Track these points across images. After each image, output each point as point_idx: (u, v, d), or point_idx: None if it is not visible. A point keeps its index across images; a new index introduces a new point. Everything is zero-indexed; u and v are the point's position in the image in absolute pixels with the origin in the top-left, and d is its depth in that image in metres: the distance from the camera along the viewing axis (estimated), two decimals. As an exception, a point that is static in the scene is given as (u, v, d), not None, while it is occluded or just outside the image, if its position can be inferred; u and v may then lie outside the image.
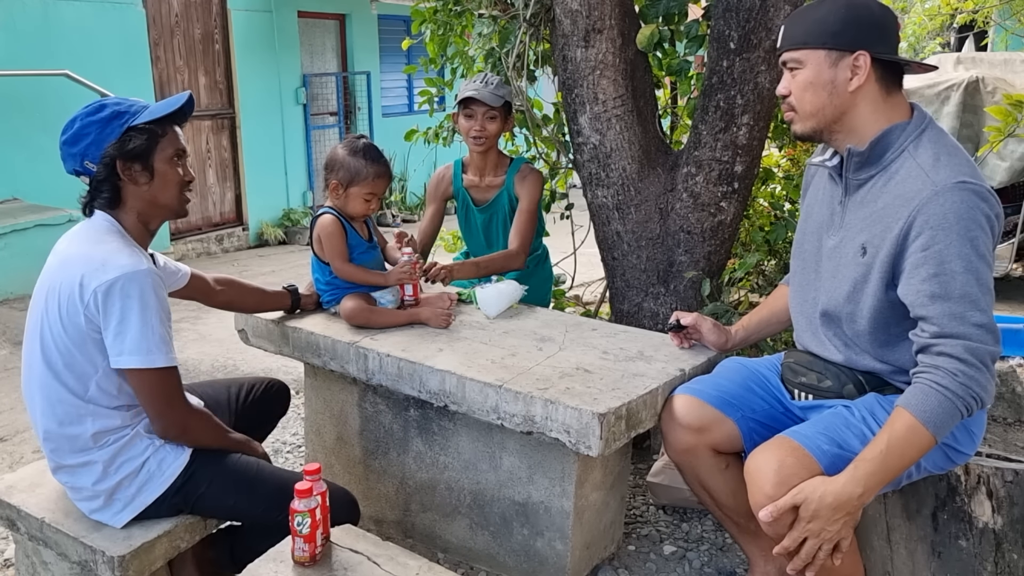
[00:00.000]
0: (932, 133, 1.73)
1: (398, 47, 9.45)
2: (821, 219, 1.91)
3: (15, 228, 5.50)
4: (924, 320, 1.63)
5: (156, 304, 1.77)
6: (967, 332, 1.58)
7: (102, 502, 1.85)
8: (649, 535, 2.52)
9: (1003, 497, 1.82)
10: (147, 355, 1.75)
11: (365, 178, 2.35)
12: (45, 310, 1.80)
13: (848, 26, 1.71)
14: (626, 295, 2.96)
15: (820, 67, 1.74)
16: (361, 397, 2.51)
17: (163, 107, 1.86)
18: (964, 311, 1.59)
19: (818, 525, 1.59)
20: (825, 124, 1.79)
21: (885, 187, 1.73)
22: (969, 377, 1.57)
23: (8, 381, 4.09)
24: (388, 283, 2.43)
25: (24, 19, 6.33)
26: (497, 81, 2.84)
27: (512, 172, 2.91)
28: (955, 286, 1.59)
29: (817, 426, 1.77)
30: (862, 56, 1.71)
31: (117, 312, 1.73)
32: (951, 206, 1.60)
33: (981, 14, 8.60)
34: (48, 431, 1.84)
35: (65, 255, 1.83)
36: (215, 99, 8.02)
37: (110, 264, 1.74)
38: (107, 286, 1.72)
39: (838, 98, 1.75)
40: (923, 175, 1.66)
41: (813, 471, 1.67)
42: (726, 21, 2.59)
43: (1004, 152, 5.13)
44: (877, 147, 1.75)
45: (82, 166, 1.83)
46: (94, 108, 1.83)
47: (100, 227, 1.84)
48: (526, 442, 2.17)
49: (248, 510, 1.91)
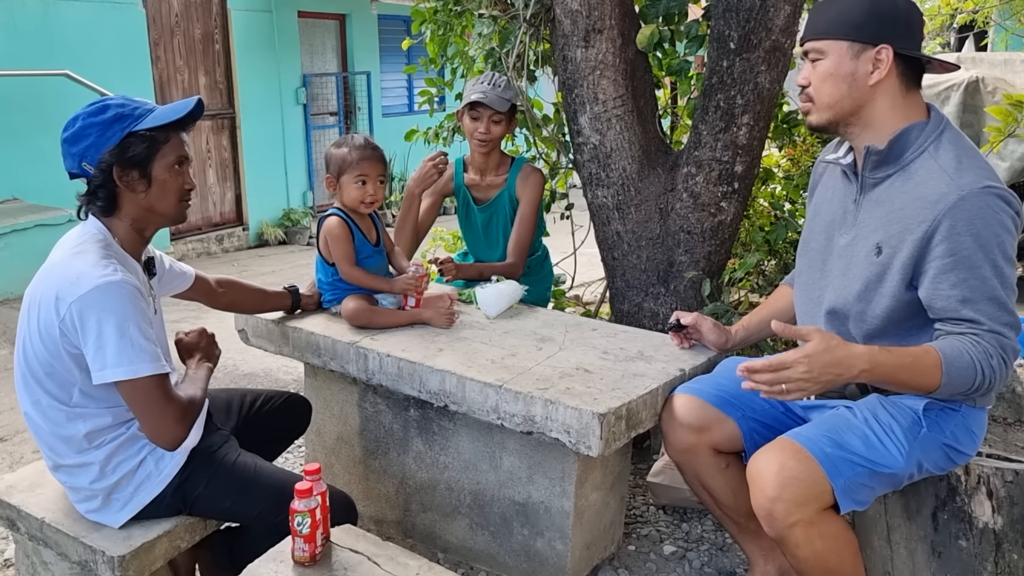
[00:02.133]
0: (951, 135, 1.73)
1: (398, 47, 9.44)
2: (831, 217, 1.90)
3: (15, 228, 5.49)
4: (957, 319, 1.67)
5: (133, 312, 1.70)
6: (1002, 330, 1.64)
7: (100, 502, 1.85)
8: (649, 535, 2.52)
9: (1003, 497, 1.82)
10: (130, 365, 1.69)
11: (352, 162, 2.37)
12: (27, 319, 1.79)
13: (872, 18, 1.70)
14: (626, 295, 2.96)
15: (842, 58, 1.73)
16: (361, 397, 2.51)
17: (168, 113, 1.81)
18: (995, 312, 1.64)
19: (804, 367, 1.60)
20: (842, 116, 1.78)
21: (904, 187, 1.72)
22: (1000, 367, 1.64)
23: (8, 381, 4.09)
24: (393, 291, 2.43)
25: (24, 19, 6.34)
26: (504, 83, 2.85)
27: (514, 172, 2.91)
28: (985, 290, 1.63)
29: (819, 428, 1.77)
30: (884, 50, 1.70)
31: (94, 326, 1.67)
32: (978, 211, 1.61)
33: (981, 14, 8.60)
34: (41, 433, 1.84)
35: (48, 265, 1.79)
36: (215, 99, 8.02)
37: (83, 278, 1.68)
38: (80, 301, 1.67)
39: (857, 91, 1.74)
40: (946, 178, 1.66)
41: (814, 473, 1.67)
42: (726, 21, 2.59)
43: (1004, 152, 5.13)
44: (896, 146, 1.74)
45: (80, 168, 1.78)
46: (97, 108, 1.78)
47: (86, 235, 1.79)
48: (526, 442, 2.17)
49: (246, 511, 1.90)
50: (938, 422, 1.75)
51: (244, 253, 8.16)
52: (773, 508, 1.69)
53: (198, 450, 1.91)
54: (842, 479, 1.69)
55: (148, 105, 1.83)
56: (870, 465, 1.71)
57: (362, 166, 2.37)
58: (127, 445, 1.85)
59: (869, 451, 1.71)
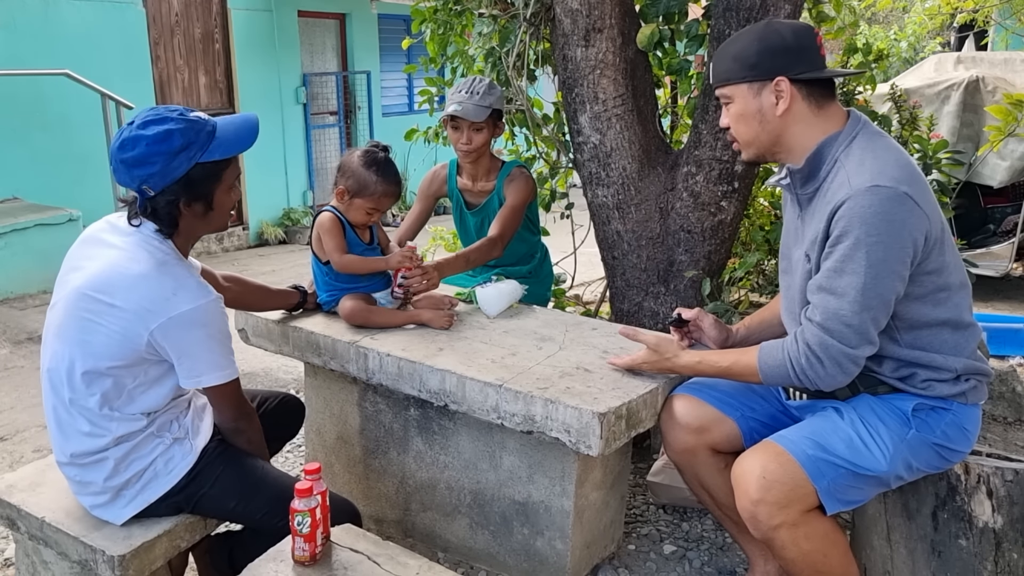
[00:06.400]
0: (863, 139, 1.76)
1: (398, 46, 9.45)
2: (790, 233, 1.97)
3: (15, 228, 5.49)
4: (810, 305, 1.73)
5: (224, 324, 1.83)
6: (832, 327, 1.67)
7: (108, 497, 1.85)
8: (649, 535, 2.52)
9: (1003, 496, 1.82)
10: (223, 371, 1.82)
11: (372, 193, 2.31)
12: (90, 317, 1.75)
13: (763, 56, 1.77)
14: (626, 294, 2.96)
15: (746, 99, 1.81)
16: (361, 396, 2.51)
17: (234, 142, 1.81)
18: (838, 308, 1.67)
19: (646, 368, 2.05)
20: (765, 149, 1.85)
21: (824, 198, 1.76)
22: (810, 365, 1.71)
23: (8, 381, 4.09)
24: (388, 266, 2.41)
25: (24, 19, 6.34)
26: (484, 88, 2.76)
27: (502, 176, 2.90)
28: (839, 284, 1.66)
29: (803, 430, 1.80)
30: (782, 81, 1.76)
31: (191, 339, 1.76)
32: (859, 209, 1.63)
33: (981, 14, 8.60)
34: (65, 428, 1.83)
35: (124, 271, 1.75)
36: (215, 99, 8.02)
37: (181, 294, 1.74)
38: (181, 317, 1.73)
39: (769, 124, 1.80)
40: (846, 180, 1.69)
41: (796, 476, 1.70)
42: (726, 21, 2.59)
43: (1004, 151, 5.13)
44: (813, 162, 1.79)
45: (138, 189, 1.77)
46: (162, 135, 1.72)
47: (160, 247, 1.80)
48: (526, 441, 2.17)
49: (250, 513, 1.90)
50: (928, 422, 1.76)
51: (244, 252, 8.17)
52: (756, 511, 1.71)
53: (208, 449, 1.92)
54: (825, 481, 1.71)
55: (209, 124, 1.80)
56: (852, 468, 1.73)
57: (382, 202, 2.34)
58: (144, 443, 1.85)
59: (852, 453, 1.73)
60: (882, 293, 1.65)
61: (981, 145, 5.09)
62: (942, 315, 1.73)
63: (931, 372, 1.75)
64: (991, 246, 5.38)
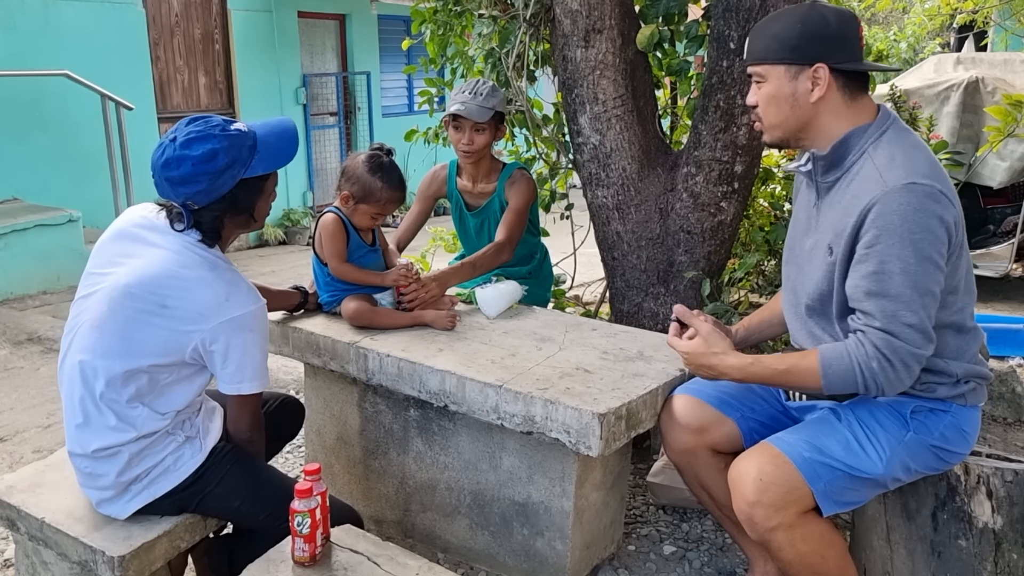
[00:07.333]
0: (893, 133, 1.74)
1: (398, 47, 9.44)
2: (801, 222, 1.94)
3: (15, 228, 5.49)
4: (860, 312, 1.69)
5: (267, 330, 1.89)
6: (896, 330, 1.63)
7: (115, 492, 1.85)
8: (649, 535, 2.52)
9: (1003, 497, 1.82)
10: (259, 380, 1.87)
11: (378, 200, 2.33)
12: (138, 316, 1.76)
13: (805, 40, 1.73)
14: (626, 295, 2.96)
15: (781, 81, 1.77)
16: (361, 397, 2.51)
17: (276, 156, 1.85)
18: (897, 310, 1.63)
19: (688, 358, 1.91)
20: (790, 134, 1.82)
21: (848, 189, 1.74)
22: (881, 369, 1.64)
23: (8, 381, 4.08)
24: (385, 283, 2.43)
25: (24, 19, 6.34)
26: (487, 90, 2.76)
27: (503, 178, 2.90)
28: (891, 286, 1.63)
29: (800, 432, 1.80)
30: (821, 68, 1.72)
31: (239, 344, 1.79)
32: (897, 207, 1.62)
33: (981, 14, 8.60)
34: (90, 421, 1.82)
35: (176, 273, 1.78)
36: (215, 99, 8.02)
37: (233, 299, 1.78)
38: (232, 322, 1.77)
39: (800, 109, 1.77)
40: (877, 175, 1.67)
41: (793, 478, 1.71)
42: (726, 21, 2.59)
43: (1004, 152, 5.12)
44: (839, 150, 1.77)
45: (183, 204, 1.79)
46: (207, 155, 1.75)
47: (208, 251, 1.83)
48: (526, 442, 2.17)
49: (253, 514, 1.91)
50: (926, 424, 1.76)
51: (244, 253, 8.16)
52: (752, 513, 1.71)
53: (217, 449, 1.92)
54: (821, 483, 1.72)
55: (250, 138, 1.82)
56: (849, 470, 1.73)
57: (387, 207, 2.36)
58: (158, 441, 1.86)
59: (848, 456, 1.73)
60: (932, 289, 1.64)
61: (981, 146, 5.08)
62: (946, 318, 1.73)
63: (932, 375, 1.75)
64: (991, 247, 5.37)
